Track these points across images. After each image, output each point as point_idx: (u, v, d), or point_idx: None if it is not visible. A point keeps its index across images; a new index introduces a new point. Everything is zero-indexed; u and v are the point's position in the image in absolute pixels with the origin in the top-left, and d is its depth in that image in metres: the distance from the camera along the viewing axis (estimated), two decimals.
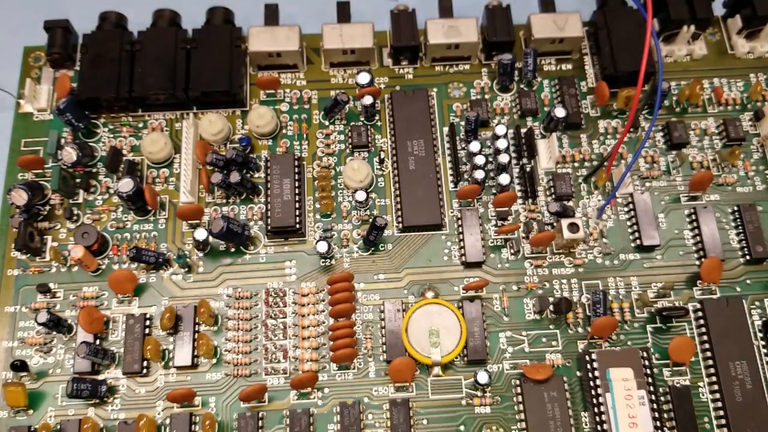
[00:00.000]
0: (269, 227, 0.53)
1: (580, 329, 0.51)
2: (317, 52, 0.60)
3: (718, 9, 0.62)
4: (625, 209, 0.55)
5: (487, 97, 0.59)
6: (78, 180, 0.55)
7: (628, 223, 0.54)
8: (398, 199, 0.54)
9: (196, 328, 0.51)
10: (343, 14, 0.60)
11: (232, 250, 0.54)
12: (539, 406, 0.48)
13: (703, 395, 0.50)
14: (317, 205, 0.55)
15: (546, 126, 0.57)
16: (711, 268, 0.52)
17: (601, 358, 0.49)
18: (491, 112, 0.58)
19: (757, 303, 0.52)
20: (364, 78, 0.56)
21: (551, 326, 0.52)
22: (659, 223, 0.55)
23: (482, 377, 0.48)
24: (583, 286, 0.53)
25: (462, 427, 0.49)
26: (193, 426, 0.48)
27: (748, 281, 0.53)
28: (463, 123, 0.57)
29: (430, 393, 0.50)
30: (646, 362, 0.49)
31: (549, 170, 0.56)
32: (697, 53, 0.60)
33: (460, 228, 0.53)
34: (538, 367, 0.49)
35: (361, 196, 0.53)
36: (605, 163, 0.54)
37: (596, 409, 0.48)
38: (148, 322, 0.51)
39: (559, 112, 0.55)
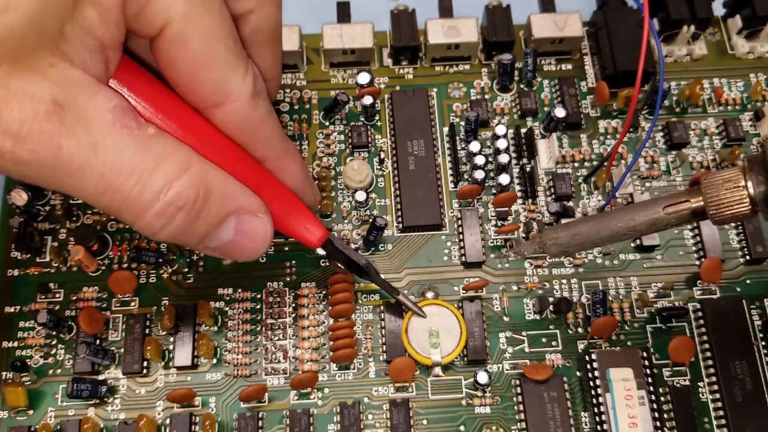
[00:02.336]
0: None
1: (580, 329, 0.51)
2: (317, 52, 0.60)
3: (718, 9, 0.62)
4: None
5: (487, 97, 0.59)
6: None
7: None
8: (398, 199, 0.54)
9: (196, 328, 0.51)
10: (343, 14, 0.60)
11: None
12: (539, 406, 0.48)
13: (703, 395, 0.50)
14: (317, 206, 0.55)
15: (546, 126, 0.57)
16: (711, 268, 0.52)
17: (601, 358, 0.49)
18: (491, 112, 0.58)
19: (757, 303, 0.52)
20: (364, 78, 0.56)
21: (551, 326, 0.52)
22: None
23: (482, 377, 0.48)
24: (583, 286, 0.53)
25: (462, 427, 0.49)
26: (193, 426, 0.48)
27: (748, 281, 0.53)
28: (463, 123, 0.57)
29: (430, 393, 0.50)
30: (646, 362, 0.49)
31: (549, 170, 0.56)
32: (697, 53, 0.60)
33: (460, 228, 0.53)
34: (538, 367, 0.49)
35: (361, 196, 0.53)
36: (605, 163, 0.54)
37: (596, 409, 0.48)
38: (148, 322, 0.51)
39: (559, 112, 0.55)
